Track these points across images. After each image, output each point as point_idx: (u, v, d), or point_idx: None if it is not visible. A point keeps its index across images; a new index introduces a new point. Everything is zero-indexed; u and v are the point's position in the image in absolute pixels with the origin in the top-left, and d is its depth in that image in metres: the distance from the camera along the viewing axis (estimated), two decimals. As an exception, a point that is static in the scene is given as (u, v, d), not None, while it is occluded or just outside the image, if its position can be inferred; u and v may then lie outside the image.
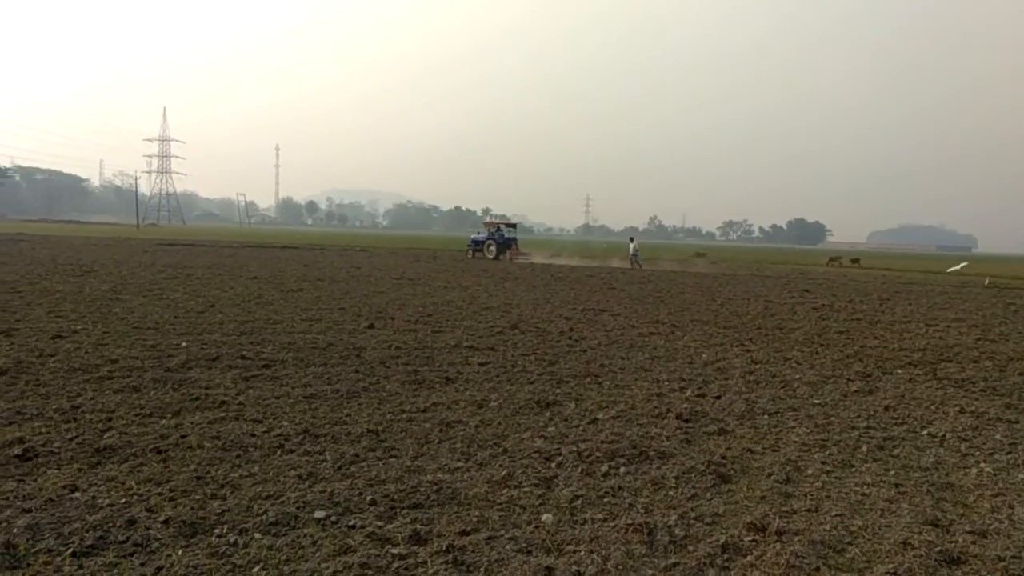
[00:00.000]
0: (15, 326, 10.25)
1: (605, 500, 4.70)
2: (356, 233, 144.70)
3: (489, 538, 3.98)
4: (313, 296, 16.51)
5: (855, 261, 54.67)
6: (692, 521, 4.39)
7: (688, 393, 7.97)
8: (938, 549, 4.11)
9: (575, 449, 5.67)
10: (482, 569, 3.63)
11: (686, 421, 6.74)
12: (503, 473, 5.07)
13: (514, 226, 45.51)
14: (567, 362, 9.53)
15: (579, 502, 4.62)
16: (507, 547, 3.89)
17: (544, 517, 4.33)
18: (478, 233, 45.70)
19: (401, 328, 11.91)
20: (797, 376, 9.16)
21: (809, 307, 18.61)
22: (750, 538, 4.17)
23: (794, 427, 6.75)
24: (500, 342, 10.92)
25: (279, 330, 11.08)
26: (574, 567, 3.70)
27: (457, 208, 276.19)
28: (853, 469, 5.62)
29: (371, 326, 11.88)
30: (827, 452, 6.00)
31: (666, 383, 8.46)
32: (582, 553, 3.86)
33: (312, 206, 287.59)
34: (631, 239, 39.32)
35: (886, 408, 7.66)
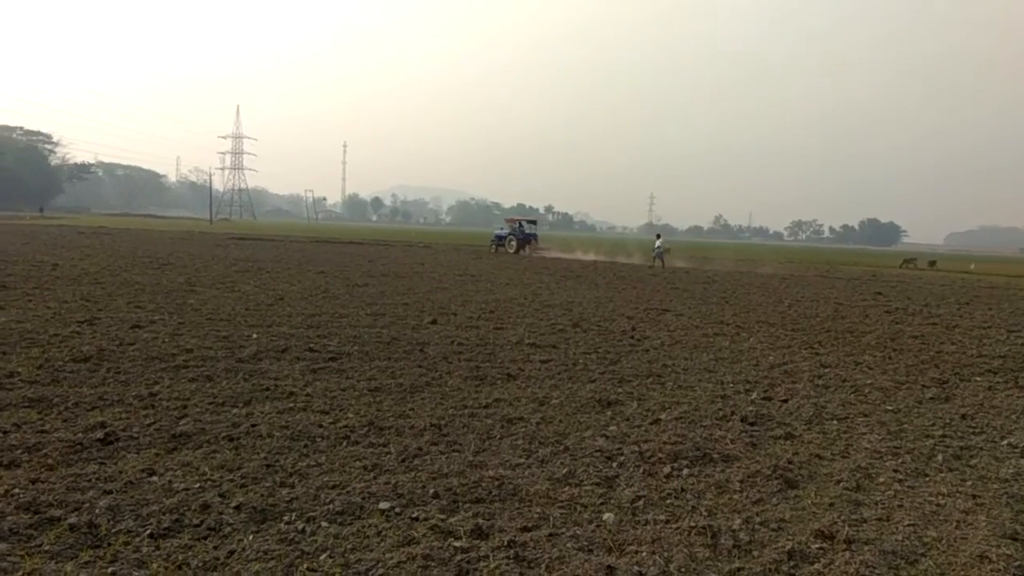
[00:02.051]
0: (97, 315, 10.72)
1: (667, 501, 4.65)
2: (420, 229, 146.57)
3: (550, 535, 3.99)
4: (377, 291, 16.79)
5: (932, 264, 52.51)
6: (757, 526, 4.31)
7: (754, 396, 7.81)
8: (1017, 563, 3.94)
9: (637, 449, 5.62)
10: (543, 566, 3.64)
11: (751, 424, 6.62)
12: (564, 471, 5.07)
13: (534, 222, 47.87)
14: (629, 361, 9.46)
15: (641, 502, 4.58)
16: (568, 545, 3.89)
17: (606, 516, 4.31)
18: (500, 229, 47.61)
19: (463, 324, 12.01)
20: (868, 381, 8.89)
21: (882, 310, 18.01)
22: (818, 545, 4.08)
23: (865, 433, 6.55)
24: (562, 340, 10.91)
25: (345, 324, 11.30)
26: (636, 567, 3.67)
27: (520, 205, 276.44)
28: (927, 478, 5.42)
29: (434, 322, 12.01)
30: (900, 460, 5.81)
31: (731, 385, 8.31)
32: (644, 554, 3.84)
33: (377, 202, 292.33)
34: (657, 235, 38.96)
35: (963, 416, 7.36)
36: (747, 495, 4.84)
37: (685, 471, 5.24)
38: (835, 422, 6.92)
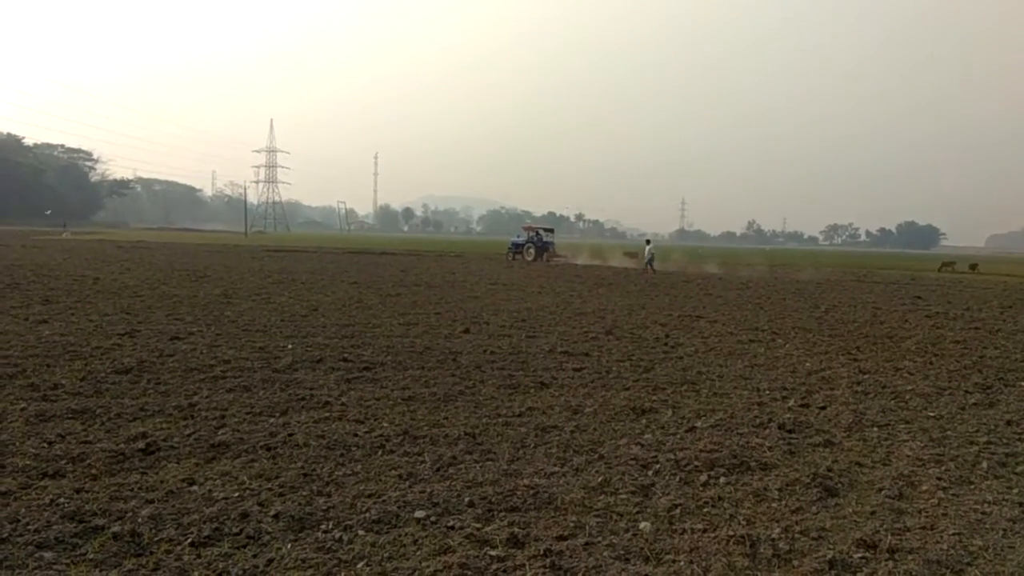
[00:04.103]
0: (137, 328, 10.94)
1: (705, 510, 4.60)
2: (450, 239, 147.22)
3: (586, 544, 3.97)
4: (410, 301, 16.89)
5: (973, 267, 51.22)
6: (797, 535, 4.24)
7: (791, 403, 7.70)
8: (1071, 575, 3.82)
9: (673, 457, 5.57)
10: (580, 574, 3.62)
11: (789, 432, 6.52)
12: (599, 479, 5.04)
13: (552, 230, 48.27)
14: (663, 369, 9.39)
15: (678, 511, 4.54)
16: (604, 554, 3.86)
17: (642, 525, 4.28)
18: (518, 237, 47.48)
19: (496, 333, 12.03)
20: (909, 387, 8.71)
21: (922, 315, 17.65)
22: (860, 555, 4.00)
23: (907, 440, 6.42)
24: (595, 348, 10.87)
25: (378, 334, 11.38)
26: (673, 577, 3.64)
27: (551, 213, 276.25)
28: (972, 486, 5.29)
29: (467, 331, 12.05)
30: (943, 467, 5.68)
31: (767, 392, 8.20)
32: (681, 563, 3.80)
33: (408, 213, 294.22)
34: (647, 241, 38.86)
35: (1008, 422, 7.18)
36: (786, 503, 4.77)
37: (722, 479, 5.18)
38: (875, 429, 6.79)
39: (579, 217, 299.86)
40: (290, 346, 9.85)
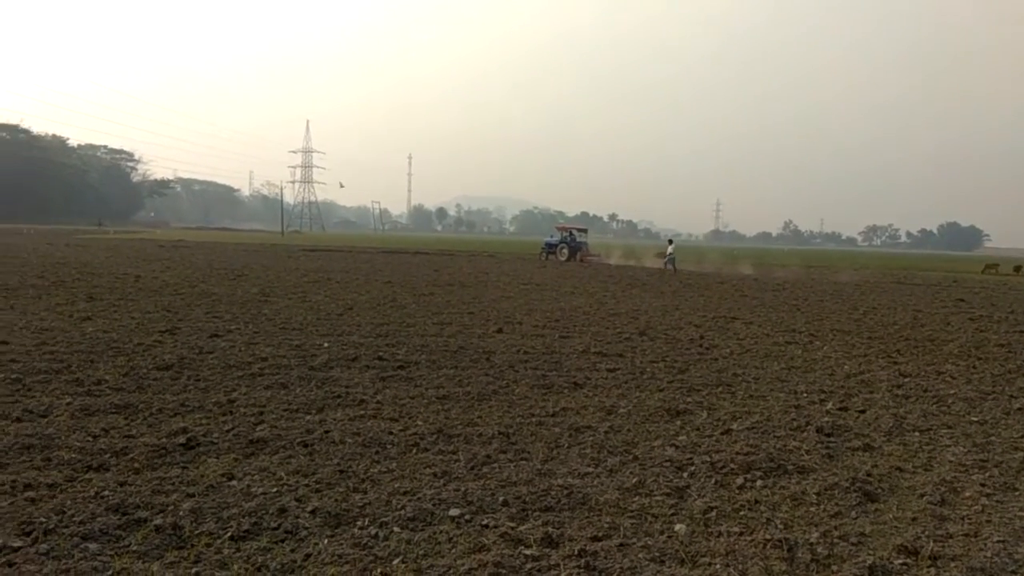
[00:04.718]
0: (178, 325, 11.15)
1: (741, 513, 4.55)
2: (484, 239, 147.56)
3: (621, 545, 3.95)
4: (444, 300, 16.97)
5: (1017, 269, 49.94)
6: (836, 540, 4.17)
7: (829, 406, 7.58)
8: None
9: (708, 459, 5.52)
10: (615, 575, 3.61)
11: (827, 435, 6.42)
12: (634, 480, 5.02)
13: (585, 230, 48.94)
14: (698, 370, 9.31)
15: (713, 514, 4.50)
16: (640, 555, 3.84)
17: (677, 527, 4.25)
18: (551, 237, 47.66)
19: (529, 333, 12.04)
20: (952, 391, 8.52)
21: (964, 317, 17.26)
22: (900, 561, 3.92)
23: (949, 445, 6.28)
24: (628, 348, 10.82)
25: (412, 333, 11.46)
26: (709, 580, 3.61)
27: (584, 213, 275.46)
28: (1017, 492, 5.17)
29: (500, 330, 12.07)
30: (987, 474, 5.55)
31: (804, 395, 8.09)
32: (718, 566, 3.76)
33: (442, 213, 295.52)
34: (670, 241, 38.48)
35: (1057, 429, 6.99)
36: (824, 508, 4.70)
37: (759, 482, 5.12)
38: (917, 434, 6.66)
39: (612, 217, 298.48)
40: (326, 344, 9.96)
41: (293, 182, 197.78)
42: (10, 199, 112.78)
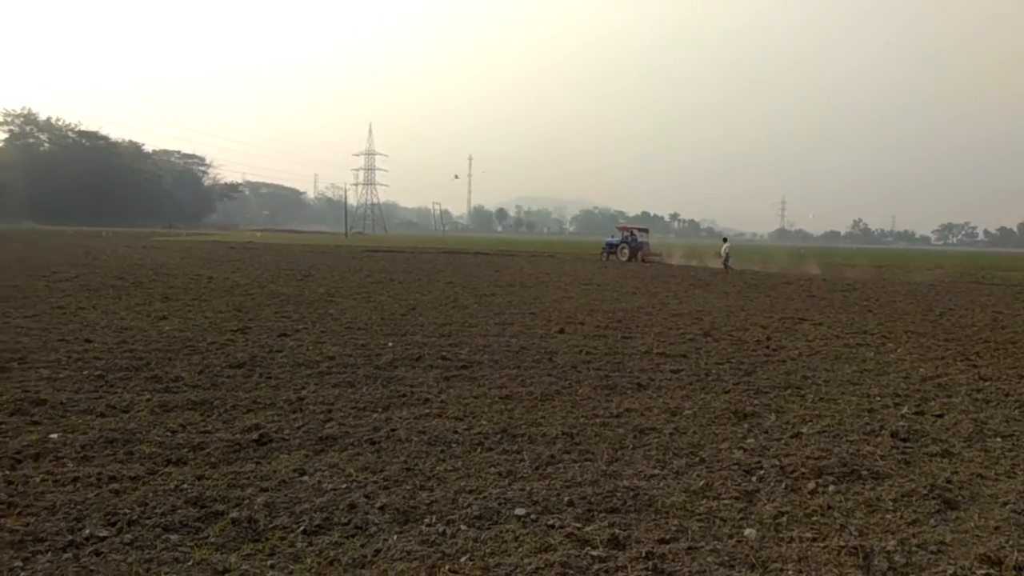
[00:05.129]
0: (248, 324, 11.49)
1: (813, 519, 4.44)
2: (544, 239, 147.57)
3: (689, 548, 3.90)
4: (505, 301, 17.04)
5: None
6: (914, 548, 4.03)
7: (904, 410, 7.33)
8: None
9: (778, 463, 5.40)
10: (683, 579, 3.57)
11: (903, 440, 6.21)
12: (701, 483, 4.95)
13: (646, 230, 49.34)
14: (765, 372, 9.11)
15: (784, 519, 4.40)
16: (708, 559, 3.79)
17: (747, 531, 4.17)
18: (612, 237, 47.45)
19: (591, 333, 11.99)
20: (1036, 396, 8.13)
21: (1049, 319, 16.45)
22: (983, 572, 3.77)
23: (1035, 453, 6.00)
24: (692, 349, 10.67)
25: (474, 333, 11.54)
26: (781, 586, 3.53)
27: (644, 213, 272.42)
28: (1112, 504, 4.89)
29: (561, 331, 12.05)
30: (1078, 483, 5.27)
31: (878, 398, 7.84)
32: (790, 572, 3.68)
33: (502, 213, 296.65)
34: (724, 240, 37.50)
35: None
36: (901, 515, 4.55)
37: (831, 487, 4.99)
38: (999, 439, 6.37)
39: (674, 217, 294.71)
40: (390, 344, 10.12)
41: (356, 184, 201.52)
42: (91, 203, 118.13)
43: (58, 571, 3.46)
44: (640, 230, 47.87)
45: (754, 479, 5.12)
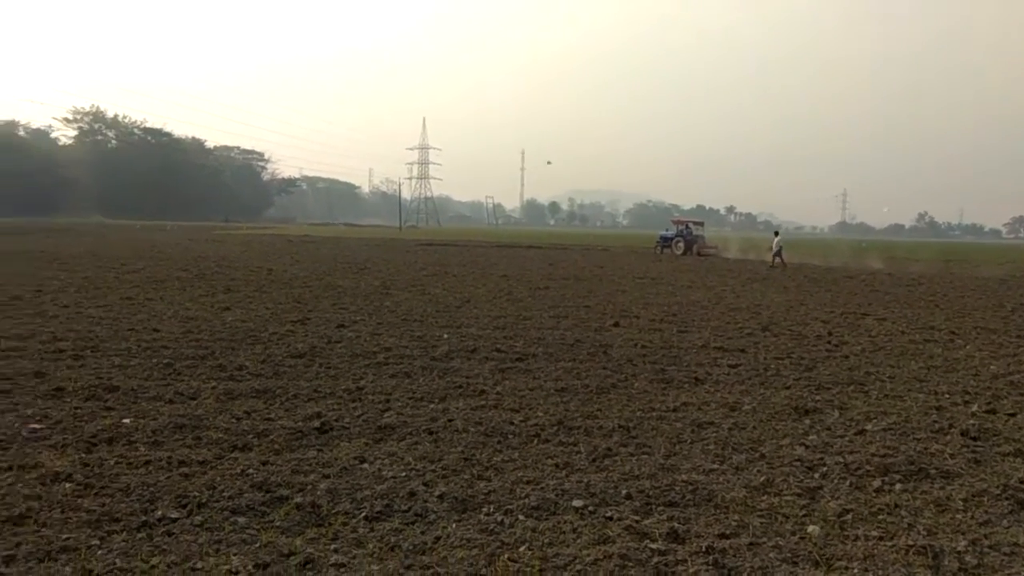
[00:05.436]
0: (308, 316, 11.73)
1: (879, 517, 4.32)
2: (597, 232, 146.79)
3: (751, 544, 3.84)
4: (559, 294, 17.02)
5: None
6: (986, 549, 3.90)
7: (974, 408, 7.07)
8: None
9: (841, 460, 5.28)
10: (745, 574, 3.52)
11: (973, 439, 6.00)
12: (762, 479, 4.86)
13: (702, 223, 48.53)
14: (827, 368, 8.90)
15: (849, 516, 4.30)
16: (771, 555, 3.73)
17: (810, 528, 4.09)
18: (666, 230, 46.67)
19: (646, 327, 11.88)
20: (1118, 396, 7.76)
21: None
22: (1062, 577, 3.62)
23: (1116, 455, 5.73)
24: (750, 344, 10.49)
25: (529, 326, 11.56)
26: (847, 584, 3.46)
27: (699, 207, 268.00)
28: None
29: (616, 324, 11.98)
30: None
31: (946, 396, 7.58)
32: (855, 570, 3.60)
33: (555, 207, 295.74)
34: (776, 232, 36.32)
35: None
36: (972, 515, 4.40)
37: (898, 486, 4.85)
38: (1077, 440, 6.10)
39: (730, 210, 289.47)
40: (446, 336, 10.20)
41: (410, 178, 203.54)
42: (156, 198, 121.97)
43: (133, 550, 3.60)
44: (695, 223, 47.10)
45: (817, 476, 5.01)
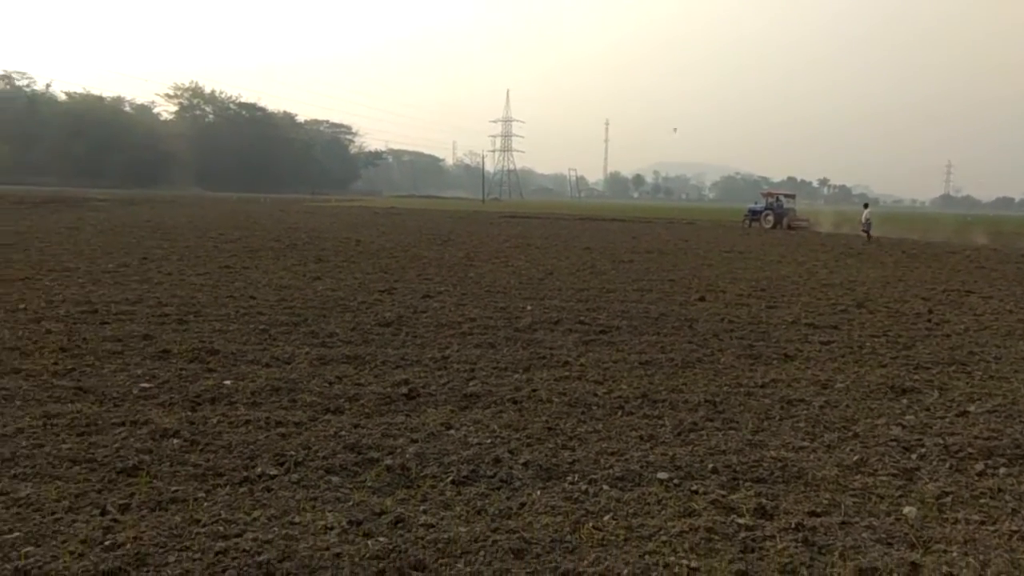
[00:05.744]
0: (394, 286, 12.00)
1: (981, 501, 4.14)
2: (682, 206, 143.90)
3: (843, 523, 3.75)
4: (643, 267, 16.82)
5: None
6: (1100, 539, 3.68)
7: (1090, 392, 6.64)
8: None
9: (941, 442, 5.06)
10: (836, 553, 3.44)
11: (1088, 424, 5.64)
12: (855, 458, 4.72)
13: (793, 196, 46.67)
14: (926, 346, 8.51)
15: (948, 499, 4.13)
16: (864, 535, 3.63)
17: (906, 510, 3.95)
18: (755, 203, 45.31)
19: (733, 302, 11.63)
20: None
21: None
22: None
23: None
24: (844, 320, 10.13)
25: (612, 299, 11.49)
26: (945, 568, 3.33)
27: (791, 179, 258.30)
28: None
29: (702, 298, 11.77)
30: None
31: (1058, 378, 7.14)
32: (954, 554, 3.46)
33: (639, 179, 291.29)
34: (865, 205, 34.10)
35: None
36: (1085, 504, 4.15)
37: (1002, 470, 4.62)
38: None
39: (823, 182, 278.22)
40: (529, 307, 10.26)
41: (493, 151, 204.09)
42: (250, 171, 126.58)
43: (236, 503, 3.81)
44: (786, 195, 45.61)
45: (914, 457, 4.83)
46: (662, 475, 4.35)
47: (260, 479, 4.14)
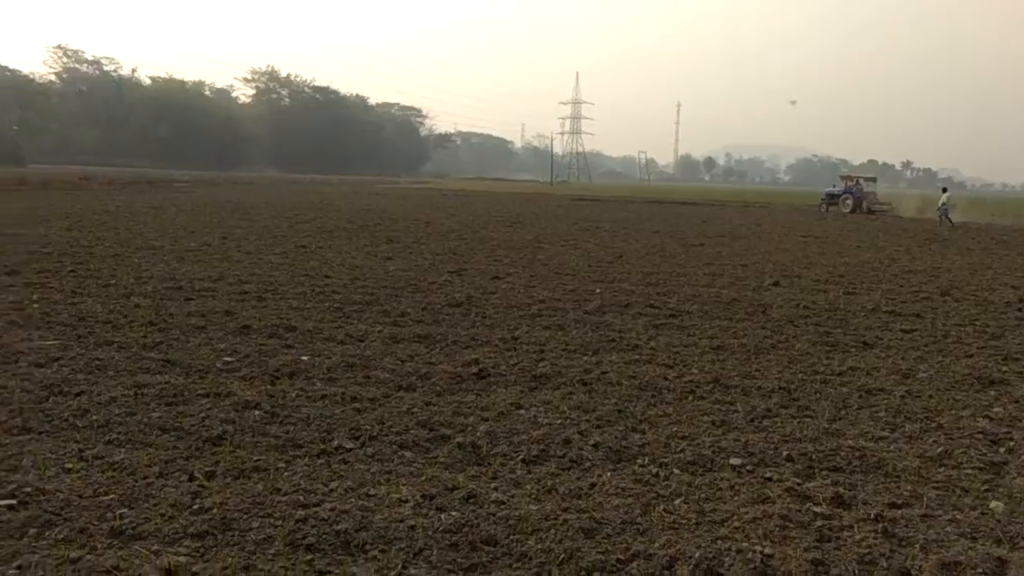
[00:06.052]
0: (463, 267, 12.11)
1: (1075, 500, 3.94)
2: (755, 189, 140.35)
3: (924, 516, 3.63)
4: (714, 251, 16.52)
5: None
6: None
7: None
8: None
9: (1032, 436, 4.84)
10: (918, 545, 3.33)
11: None
12: (939, 450, 4.55)
13: (873, 179, 44.68)
14: (1017, 337, 8.12)
15: (1039, 496, 3.95)
16: (947, 528, 3.50)
17: (993, 504, 3.80)
18: (833, 186, 43.49)
19: (809, 288, 11.31)
20: None
21: None
22: None
23: None
24: (927, 309, 9.74)
25: (682, 283, 11.33)
26: (1035, 567, 3.20)
27: (871, 162, 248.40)
28: None
29: (776, 284, 11.49)
30: None
31: None
32: (1046, 553, 3.32)
33: (710, 162, 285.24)
34: (944, 189, 31.97)
35: None
36: None
37: (1100, 469, 4.39)
38: None
39: (906, 165, 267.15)
40: (598, 290, 10.21)
41: (562, 133, 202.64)
42: (324, 153, 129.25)
43: (314, 474, 3.93)
44: (866, 179, 43.65)
45: (1002, 450, 4.63)
46: (735, 461, 4.29)
47: (336, 452, 4.26)
